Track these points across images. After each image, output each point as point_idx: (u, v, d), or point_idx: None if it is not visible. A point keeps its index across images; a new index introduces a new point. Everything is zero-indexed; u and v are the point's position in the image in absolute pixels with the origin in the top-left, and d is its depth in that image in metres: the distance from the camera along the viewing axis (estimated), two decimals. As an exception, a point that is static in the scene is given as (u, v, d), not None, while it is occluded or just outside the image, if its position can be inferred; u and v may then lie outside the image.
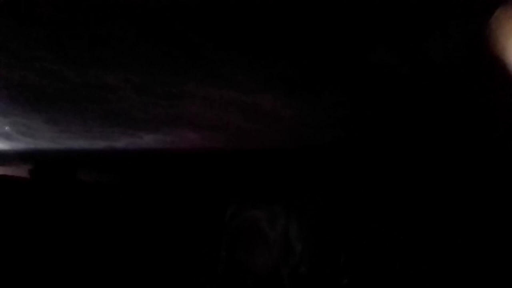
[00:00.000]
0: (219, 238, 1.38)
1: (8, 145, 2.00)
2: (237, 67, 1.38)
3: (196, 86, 1.47)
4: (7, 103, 1.67)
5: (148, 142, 1.89)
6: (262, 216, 1.36)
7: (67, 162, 1.62)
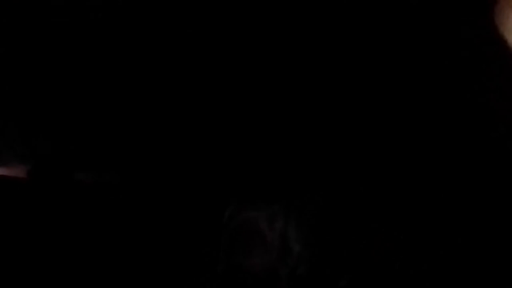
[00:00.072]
0: (219, 239, 1.39)
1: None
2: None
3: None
4: None
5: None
6: (260, 216, 1.37)
7: (65, 161, 1.63)
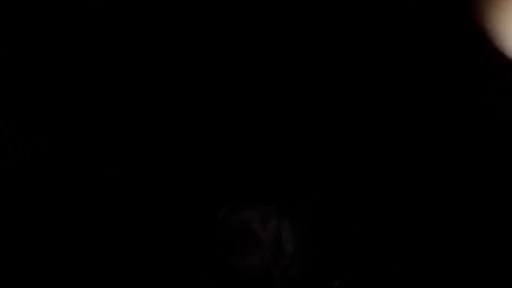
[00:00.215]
0: (213, 239, 1.40)
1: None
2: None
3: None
4: None
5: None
6: (254, 217, 1.37)
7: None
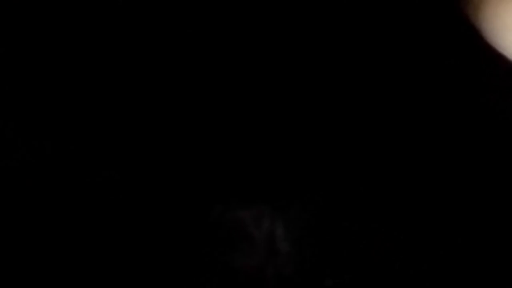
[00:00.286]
0: (206, 238, 1.40)
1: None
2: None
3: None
4: None
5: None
6: (247, 215, 1.37)
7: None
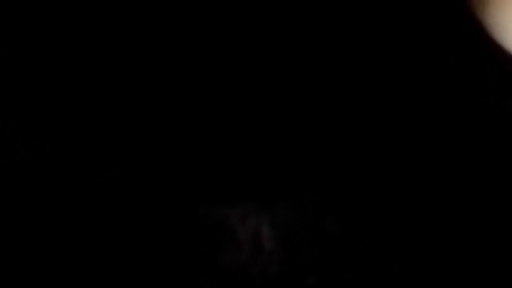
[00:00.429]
0: (192, 236, 1.41)
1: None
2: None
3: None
4: None
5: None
6: (232, 214, 1.38)
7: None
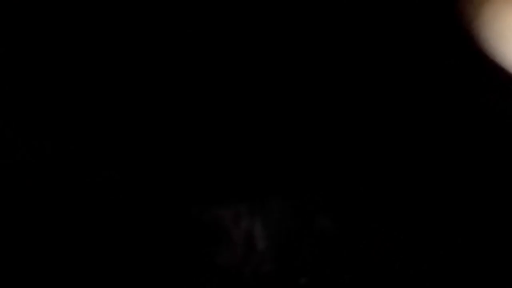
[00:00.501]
0: (185, 236, 1.42)
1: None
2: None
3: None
4: None
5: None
6: (225, 214, 1.38)
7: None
